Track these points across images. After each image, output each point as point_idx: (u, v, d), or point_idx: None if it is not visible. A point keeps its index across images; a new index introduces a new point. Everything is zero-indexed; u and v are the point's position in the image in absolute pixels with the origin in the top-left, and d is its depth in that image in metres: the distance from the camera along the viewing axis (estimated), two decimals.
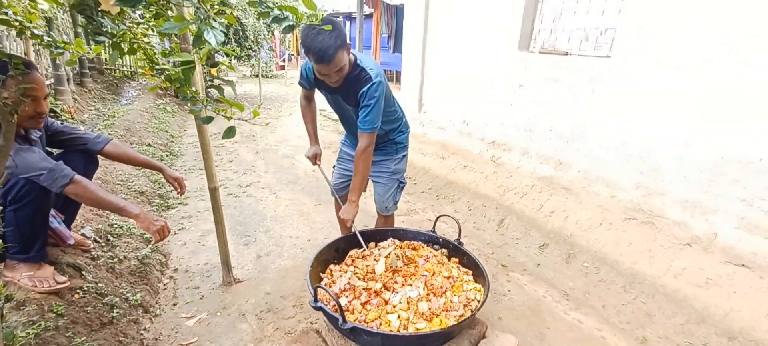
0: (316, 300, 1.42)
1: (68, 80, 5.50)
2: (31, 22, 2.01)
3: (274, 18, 1.49)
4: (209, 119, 1.65)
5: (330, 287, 1.70)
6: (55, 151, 1.93)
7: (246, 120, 1.75)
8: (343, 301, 1.58)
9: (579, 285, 2.60)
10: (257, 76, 9.52)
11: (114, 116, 5.27)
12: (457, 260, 1.92)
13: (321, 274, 1.83)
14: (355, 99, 1.90)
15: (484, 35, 4.03)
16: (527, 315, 2.29)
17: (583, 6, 3.25)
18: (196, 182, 4.07)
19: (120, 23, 1.45)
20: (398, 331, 1.42)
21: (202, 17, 1.38)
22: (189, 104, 1.67)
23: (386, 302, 1.52)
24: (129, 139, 4.48)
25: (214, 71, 10.40)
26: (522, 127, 3.76)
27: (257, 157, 5.09)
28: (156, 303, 2.24)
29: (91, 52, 1.86)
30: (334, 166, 2.54)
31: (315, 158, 2.36)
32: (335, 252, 1.93)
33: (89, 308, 1.76)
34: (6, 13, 1.78)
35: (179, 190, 2.21)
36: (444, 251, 2.02)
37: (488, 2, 3.94)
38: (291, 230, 3.19)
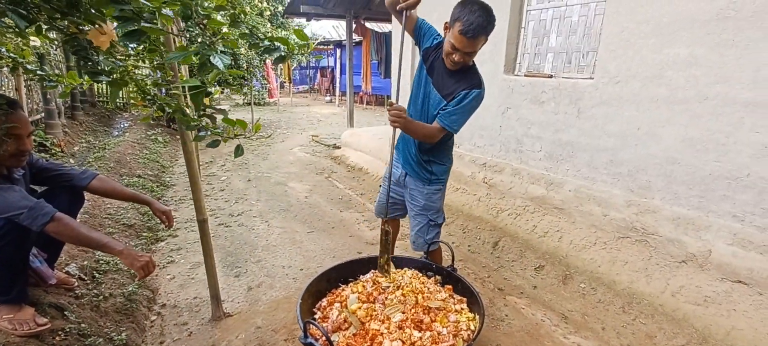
0: (306, 336, 1.37)
1: (59, 114, 5.49)
2: (24, 58, 2.02)
3: (265, 49, 1.51)
4: (216, 143, 1.63)
5: (322, 322, 1.66)
6: (39, 188, 1.90)
7: (248, 136, 1.74)
8: (335, 337, 1.53)
9: (577, 307, 2.56)
10: (250, 103, 9.57)
11: (104, 148, 5.24)
12: (450, 287, 1.88)
13: (312, 307, 1.78)
14: (452, 91, 1.85)
15: None
16: (526, 341, 2.23)
17: (565, 29, 3.34)
18: (187, 212, 4.01)
19: (113, 59, 1.46)
20: None
21: (207, 43, 1.39)
22: (187, 132, 1.66)
23: (375, 336, 1.47)
24: (119, 170, 4.43)
25: (207, 100, 10.46)
26: (512, 148, 3.79)
27: (249, 185, 5.06)
28: (142, 342, 2.16)
29: (84, 83, 1.86)
30: (380, 186, 2.40)
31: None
32: (327, 283, 1.89)
33: None
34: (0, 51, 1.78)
35: (167, 224, 2.17)
36: (437, 277, 1.99)
37: None
38: (283, 260, 3.14)
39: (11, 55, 1.97)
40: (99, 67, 1.36)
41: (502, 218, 3.55)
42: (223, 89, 9.87)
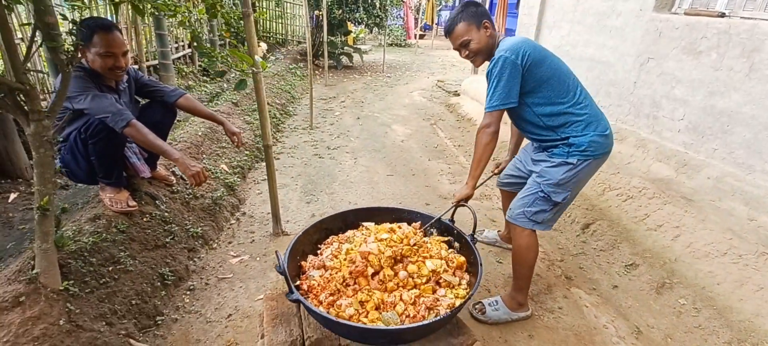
0: (279, 266, 1.42)
1: (224, 45, 6.64)
2: None
3: None
4: (222, 73, 1.78)
5: (319, 256, 1.69)
6: (143, 101, 2.37)
7: (247, 75, 1.80)
8: (316, 273, 1.55)
9: (663, 325, 1.97)
10: (393, 44, 9.66)
11: (249, 76, 6.15)
12: (463, 260, 1.65)
13: (320, 242, 1.82)
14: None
15: None
16: (570, 343, 1.86)
17: None
18: (297, 139, 4.49)
19: None
20: (347, 319, 1.31)
21: None
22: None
23: (344, 289, 1.42)
24: (251, 96, 5.17)
25: (350, 39, 11.03)
26: (644, 112, 2.95)
27: (357, 122, 5.30)
28: (217, 238, 2.60)
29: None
30: None
31: (496, 167, 2.36)
32: (342, 223, 1.88)
33: (149, 231, 2.16)
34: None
35: (236, 143, 2.47)
36: (456, 245, 1.77)
37: None
38: (353, 196, 3.26)
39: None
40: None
41: (608, 197, 2.88)
42: (370, 29, 10.18)
